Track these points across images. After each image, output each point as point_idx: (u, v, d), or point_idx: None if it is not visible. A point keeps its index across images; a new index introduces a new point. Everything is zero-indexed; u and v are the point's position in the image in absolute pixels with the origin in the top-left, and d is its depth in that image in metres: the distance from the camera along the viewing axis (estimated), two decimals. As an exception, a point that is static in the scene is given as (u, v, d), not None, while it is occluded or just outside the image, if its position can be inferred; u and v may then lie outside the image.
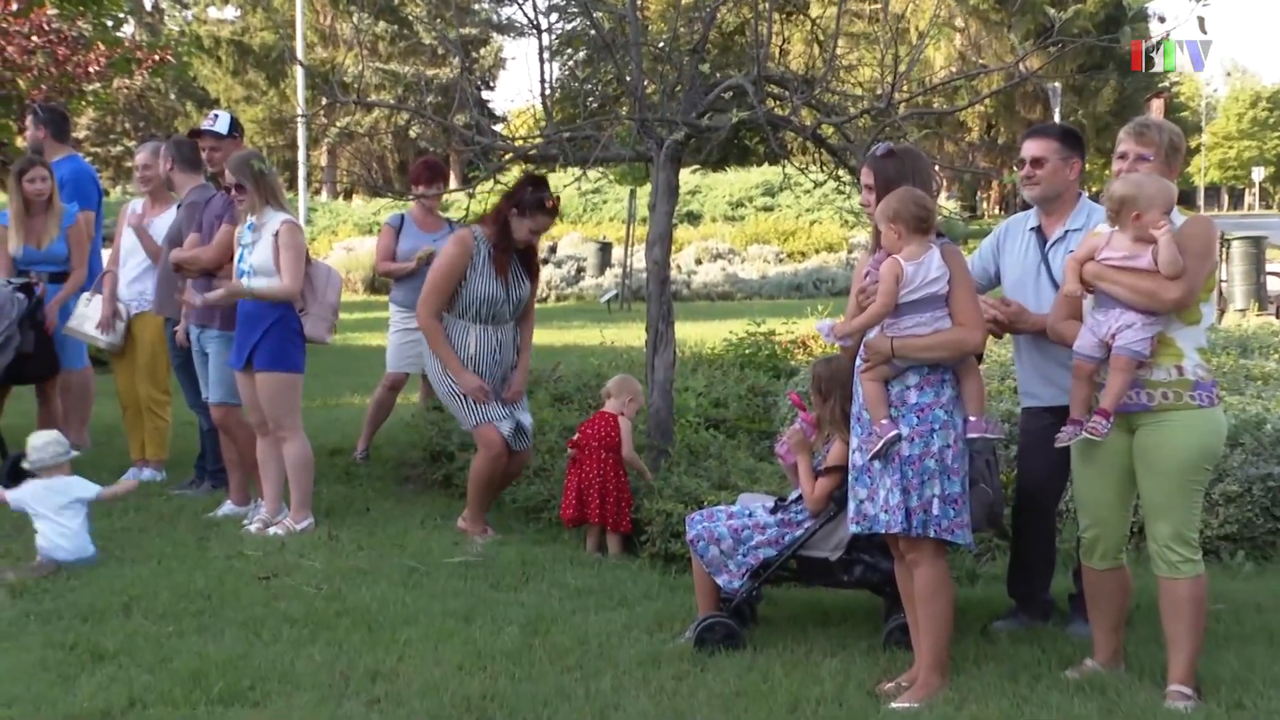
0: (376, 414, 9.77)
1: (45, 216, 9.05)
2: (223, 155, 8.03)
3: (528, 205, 7.35)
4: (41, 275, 9.07)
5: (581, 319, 21.81)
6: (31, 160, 9.07)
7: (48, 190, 9.00)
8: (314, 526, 7.52)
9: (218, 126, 8.17)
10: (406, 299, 9.65)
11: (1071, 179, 5.74)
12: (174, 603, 5.97)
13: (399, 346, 9.67)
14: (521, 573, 6.61)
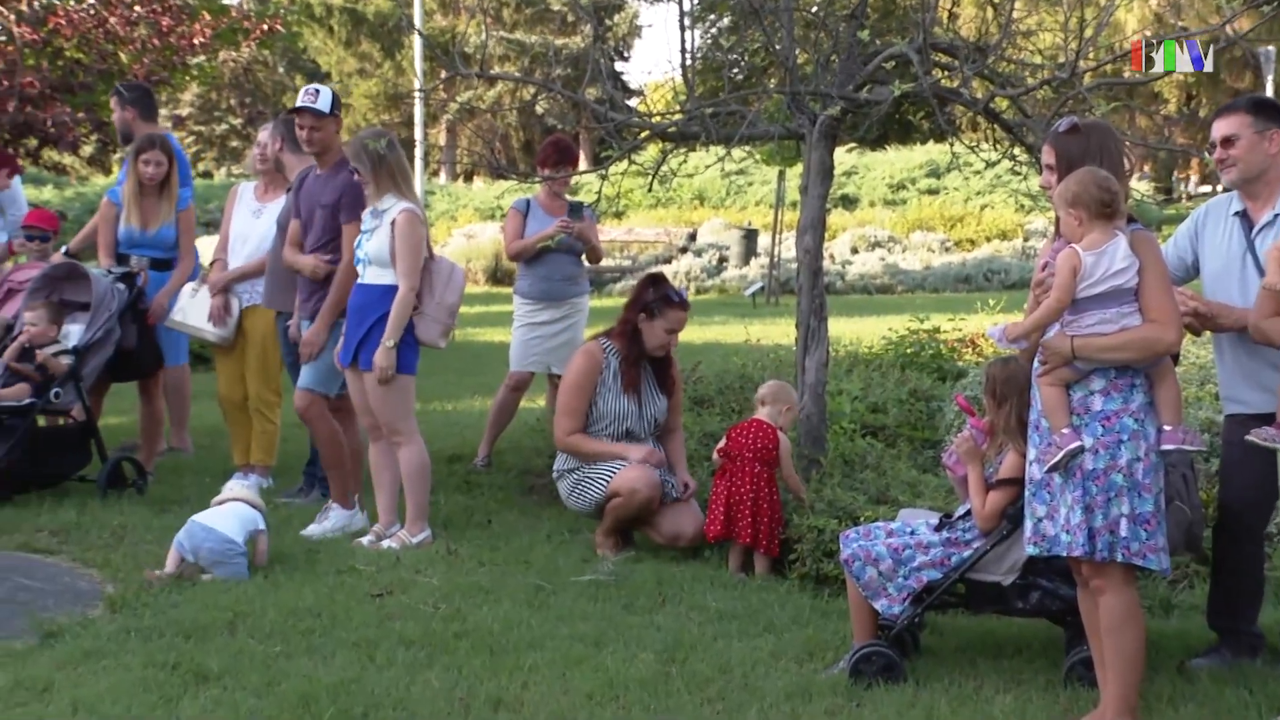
0: (499, 418, 9.87)
1: (158, 199, 9.31)
2: (323, 135, 8.05)
3: (655, 305, 7.47)
4: (143, 260, 9.33)
5: (724, 314, 21.79)
6: (151, 140, 9.33)
7: (162, 174, 9.25)
8: (431, 540, 7.63)
9: (318, 104, 8.08)
10: (532, 290, 9.75)
11: (1273, 154, 5.58)
12: (281, 621, 6.10)
13: (523, 344, 9.77)
14: (657, 593, 6.63)
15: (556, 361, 9.71)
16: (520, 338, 9.80)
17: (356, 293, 7.62)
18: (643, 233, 32.15)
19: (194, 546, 6.84)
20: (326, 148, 8.04)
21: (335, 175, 7.98)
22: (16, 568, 6.88)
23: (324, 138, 8.03)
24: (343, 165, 7.85)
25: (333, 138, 8.07)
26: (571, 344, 9.68)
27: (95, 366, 8.94)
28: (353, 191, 7.80)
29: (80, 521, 7.94)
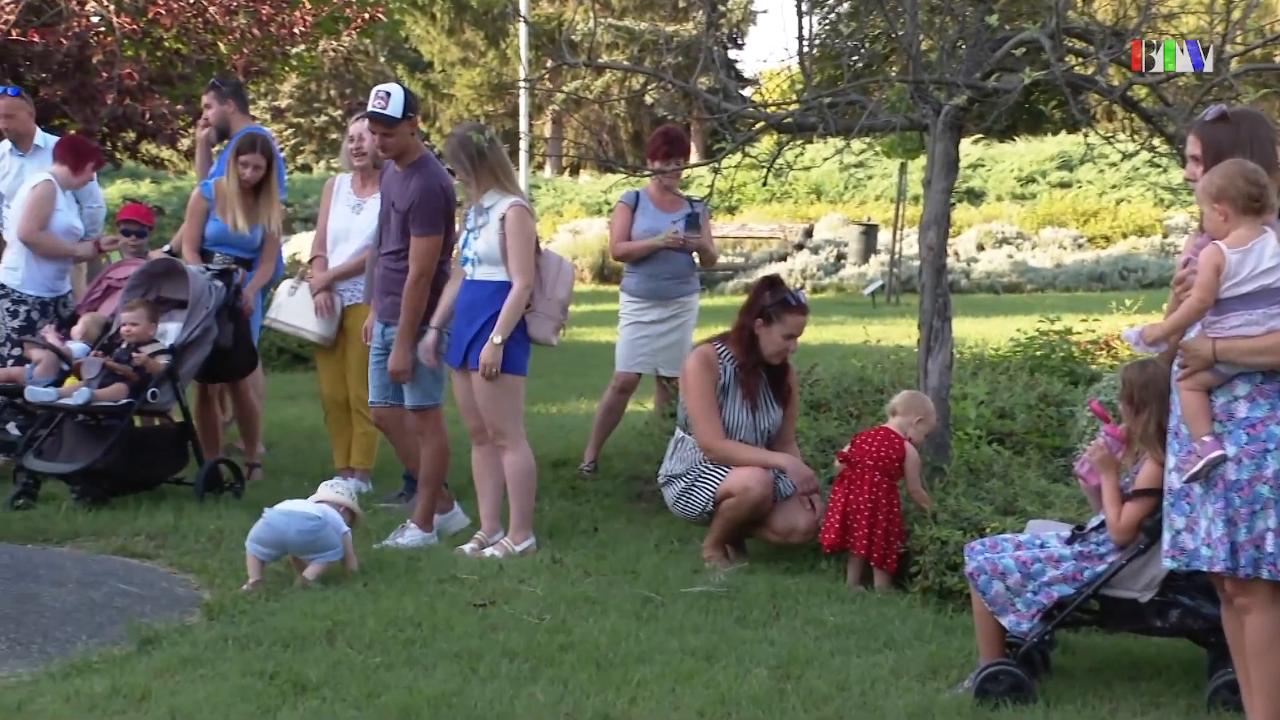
0: (605, 420, 9.90)
1: (255, 201, 9.44)
2: (396, 141, 7.83)
3: (773, 310, 7.46)
4: (227, 258, 9.48)
5: (841, 313, 21.71)
6: (253, 141, 9.45)
7: (260, 176, 9.38)
8: (536, 548, 7.67)
9: (390, 109, 7.78)
10: (640, 288, 9.76)
11: None
12: (381, 631, 6.17)
13: (630, 343, 9.79)
14: (771, 606, 6.62)
15: (665, 363, 9.72)
16: (627, 337, 9.82)
17: (466, 290, 7.68)
18: (757, 228, 32.10)
19: (276, 539, 6.91)
20: (404, 150, 7.89)
21: (410, 177, 7.87)
22: (114, 572, 7.02)
23: (398, 143, 7.85)
24: (419, 166, 7.85)
25: (408, 140, 7.89)
26: (680, 345, 9.70)
27: (192, 366, 9.07)
28: (425, 200, 7.78)
29: (177, 525, 8.08)
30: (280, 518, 6.89)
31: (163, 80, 15.93)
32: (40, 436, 8.89)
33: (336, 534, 6.99)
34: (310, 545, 6.93)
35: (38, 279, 9.94)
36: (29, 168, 10.53)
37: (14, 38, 14.35)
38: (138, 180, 39.15)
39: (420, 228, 7.79)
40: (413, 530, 7.88)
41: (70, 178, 10.02)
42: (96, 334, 9.34)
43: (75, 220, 10.05)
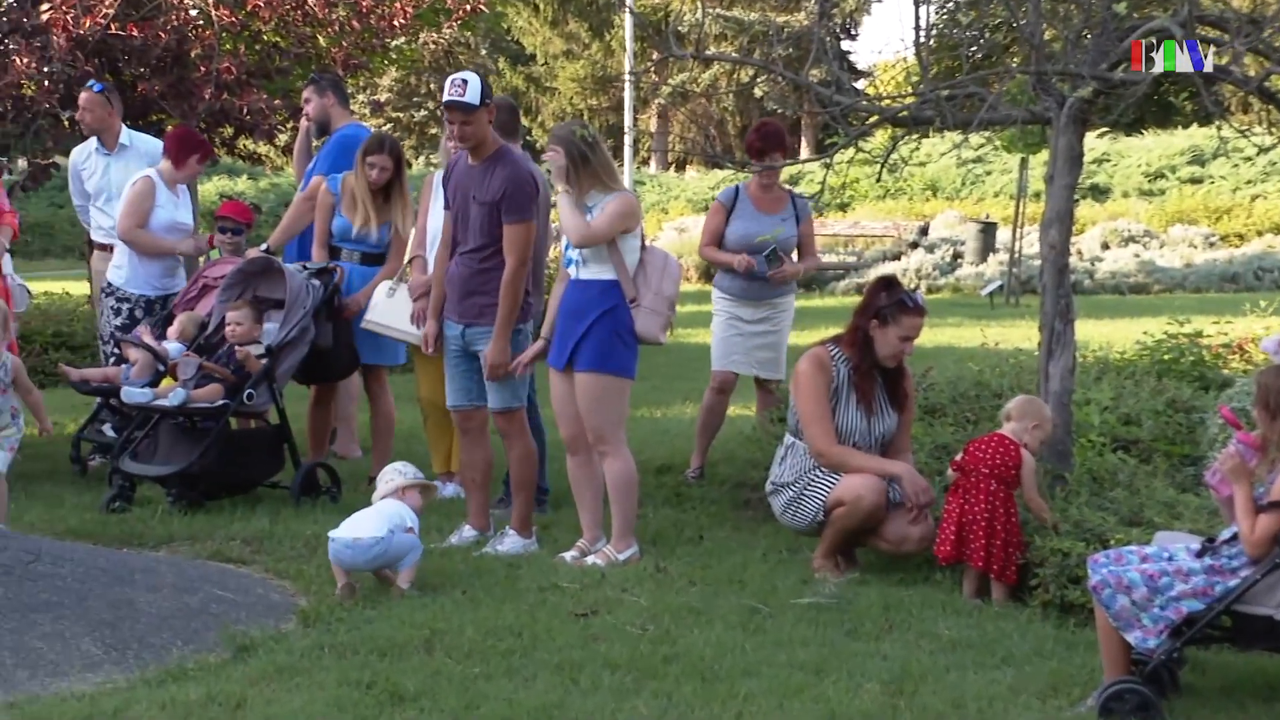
0: (707, 423, 9.90)
1: (383, 202, 9.52)
2: (475, 129, 7.81)
3: (888, 311, 7.43)
4: (353, 254, 9.58)
5: (958, 314, 21.56)
6: (381, 142, 9.56)
7: (386, 179, 9.46)
8: (639, 557, 7.69)
9: (467, 96, 7.77)
10: (733, 285, 9.72)
11: None
12: (480, 640, 6.20)
13: (725, 341, 9.76)
14: (884, 619, 6.59)
15: (761, 364, 9.73)
16: (721, 335, 9.81)
17: (571, 290, 7.72)
18: (870, 226, 31.97)
19: (350, 566, 6.98)
20: (481, 141, 7.86)
21: (492, 168, 7.85)
22: (209, 577, 7.12)
23: (476, 131, 7.81)
24: (499, 158, 7.84)
25: (485, 129, 7.86)
26: (776, 347, 9.73)
27: (289, 367, 9.18)
28: (516, 188, 7.76)
29: (273, 530, 8.18)
30: (346, 553, 6.93)
31: (261, 74, 16.09)
32: (136, 438, 9.04)
33: (408, 539, 7.03)
34: (385, 564, 7.00)
35: (141, 277, 10.13)
36: (114, 166, 10.72)
37: (113, 32, 14.58)
38: (234, 177, 39.79)
39: (514, 215, 7.76)
40: (512, 537, 7.92)
41: (172, 172, 10.19)
42: (193, 333, 9.48)
43: (180, 215, 10.21)
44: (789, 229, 9.76)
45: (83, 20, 14.20)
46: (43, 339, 14.10)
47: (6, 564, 6.41)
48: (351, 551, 6.90)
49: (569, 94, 52.06)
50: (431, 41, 24.31)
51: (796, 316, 10.21)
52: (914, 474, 7.39)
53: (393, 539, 6.92)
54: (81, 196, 11.04)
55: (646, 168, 50.74)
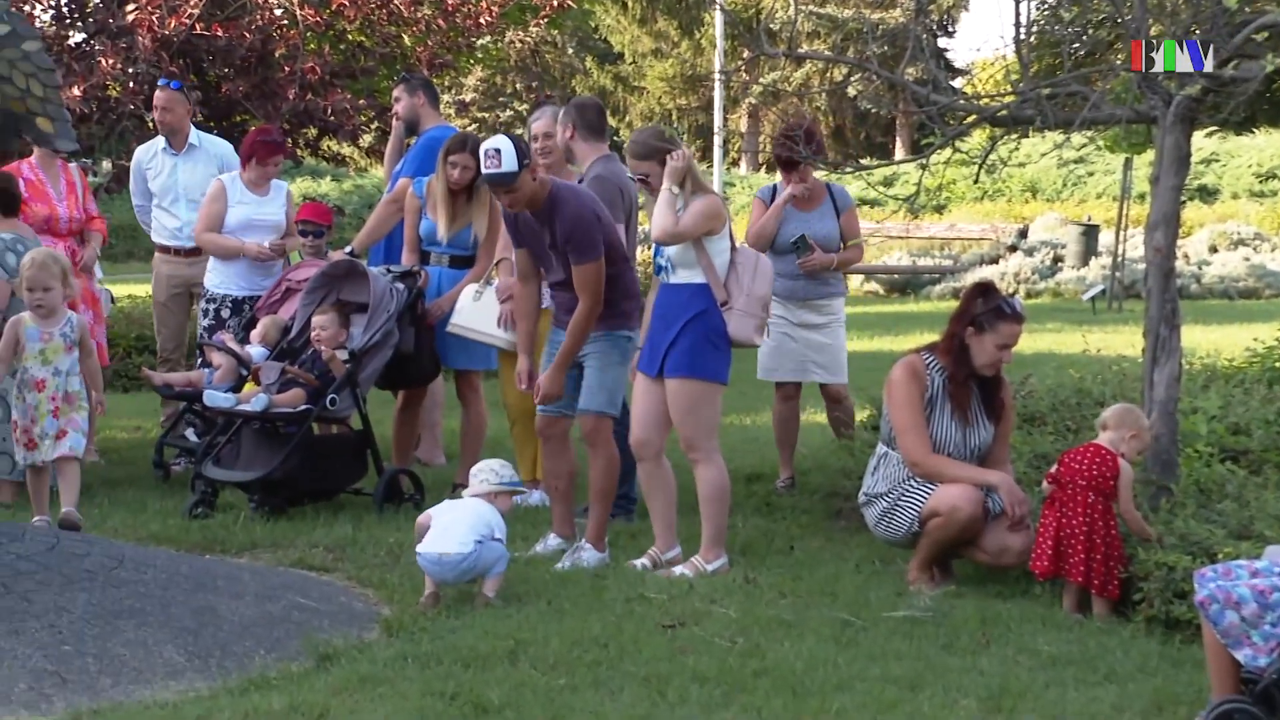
0: (784, 432, 9.87)
1: (466, 202, 9.53)
2: (522, 195, 7.70)
3: (985, 318, 7.38)
4: (442, 257, 9.62)
5: (1058, 320, 21.37)
6: (462, 141, 9.58)
7: (468, 180, 9.45)
8: (728, 567, 7.68)
9: (504, 167, 7.62)
10: (782, 288, 9.57)
11: None
12: (566, 651, 6.22)
13: (773, 349, 9.59)
14: (981, 633, 6.55)
15: (820, 368, 9.66)
16: (768, 343, 9.44)
17: (662, 295, 7.74)
18: (966, 229, 31.77)
19: (438, 579, 7.03)
20: (531, 198, 7.77)
21: (550, 215, 7.79)
22: (292, 585, 7.19)
23: (525, 195, 7.72)
24: (554, 202, 7.77)
25: (531, 187, 7.72)
26: (832, 350, 9.67)
27: (372, 371, 9.24)
28: (578, 228, 7.72)
29: (356, 538, 8.24)
30: (434, 568, 6.98)
31: (345, 74, 16.27)
32: (218, 443, 9.14)
33: (496, 548, 7.06)
34: (473, 575, 7.04)
35: (222, 277, 10.26)
36: (182, 167, 10.83)
37: (197, 32, 14.78)
38: (318, 178, 40.15)
39: (580, 255, 7.73)
40: (589, 551, 7.91)
41: (241, 172, 10.33)
42: (275, 338, 9.56)
43: (259, 214, 10.30)
44: (828, 223, 9.69)
45: (168, 20, 14.41)
46: (126, 343, 14.29)
47: (90, 569, 6.51)
48: (439, 567, 6.95)
49: (657, 93, 52.15)
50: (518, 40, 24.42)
51: (890, 322, 10.18)
52: (1011, 484, 7.34)
53: (480, 551, 6.95)
54: (143, 197, 11.11)
55: (736, 169, 50.73)
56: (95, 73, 14.08)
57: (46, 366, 7.65)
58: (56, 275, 7.62)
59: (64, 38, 15.36)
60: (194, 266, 10.66)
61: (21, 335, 7.66)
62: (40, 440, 7.80)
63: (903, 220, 29.83)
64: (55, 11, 15.58)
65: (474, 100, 49.15)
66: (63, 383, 7.69)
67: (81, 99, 13.71)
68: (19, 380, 7.74)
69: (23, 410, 7.86)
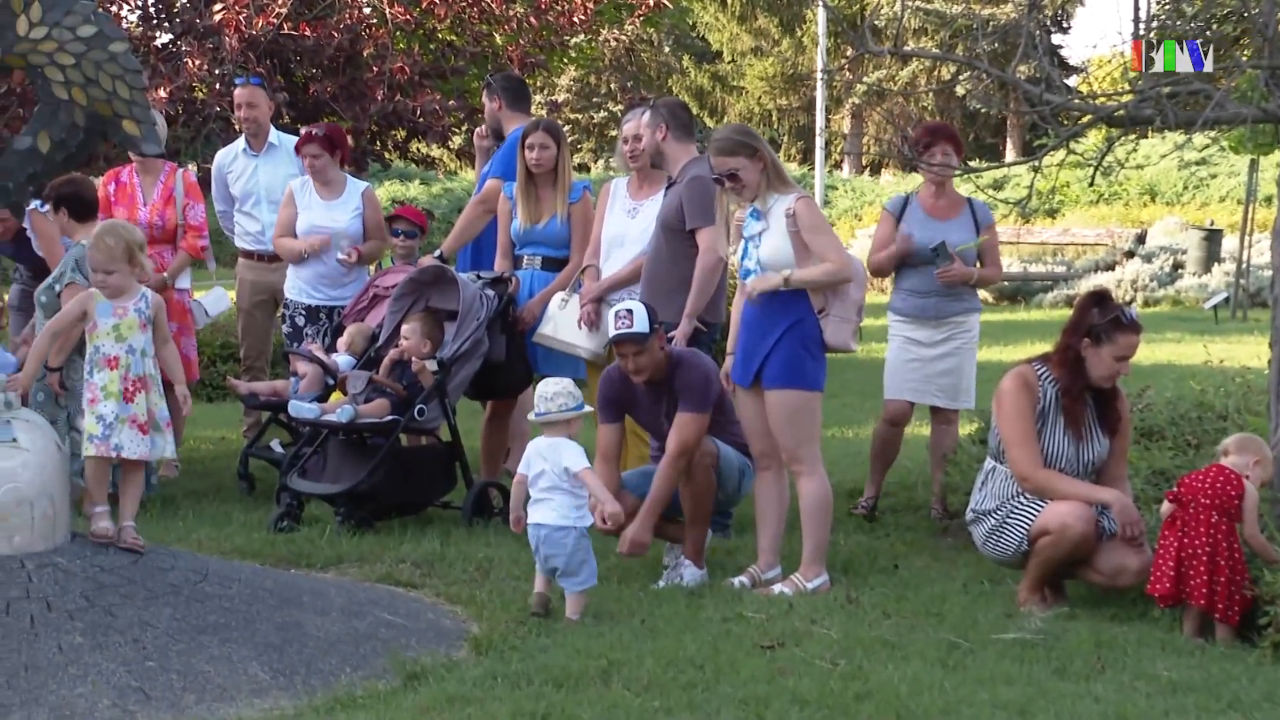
0: (881, 456, 9.73)
1: (551, 188, 9.57)
2: (649, 360, 7.79)
3: (1102, 330, 7.31)
4: (534, 259, 9.64)
5: (1178, 329, 21.17)
6: (536, 122, 9.65)
7: (550, 160, 9.49)
8: (829, 586, 7.67)
9: (635, 327, 7.70)
10: (905, 305, 9.46)
11: None
12: (660, 671, 6.22)
13: (900, 367, 9.53)
14: (1095, 657, 6.49)
15: (941, 392, 9.49)
16: (895, 360, 9.52)
17: (752, 304, 7.73)
18: (1081, 233, 31.51)
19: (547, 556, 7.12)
20: (654, 367, 7.82)
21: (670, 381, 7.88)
22: (379, 601, 7.23)
23: (651, 360, 7.79)
24: (674, 371, 7.84)
25: (658, 355, 7.80)
26: (958, 373, 9.48)
27: (462, 381, 9.27)
28: (699, 384, 7.78)
29: (444, 553, 8.29)
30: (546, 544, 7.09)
31: (435, 74, 16.35)
32: (304, 455, 9.21)
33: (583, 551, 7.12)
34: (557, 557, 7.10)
35: (296, 284, 10.32)
36: (263, 168, 10.94)
37: (285, 31, 14.93)
38: (406, 181, 40.42)
39: (690, 405, 7.78)
40: (689, 568, 7.91)
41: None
42: (362, 346, 9.62)
43: (320, 220, 10.25)
44: (965, 235, 9.49)
45: (255, 20, 14.55)
46: (211, 350, 14.43)
47: (175, 583, 6.59)
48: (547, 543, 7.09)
49: (757, 93, 52.11)
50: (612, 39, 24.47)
51: (1000, 331, 10.09)
52: (1126, 502, 7.25)
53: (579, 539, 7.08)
54: (224, 201, 11.23)
55: (839, 171, 50.58)
56: (181, 74, 14.25)
57: (121, 343, 6.92)
58: (118, 255, 6.99)
59: (150, 39, 15.56)
60: (276, 272, 10.72)
61: (92, 310, 7.00)
62: (92, 424, 6.87)
63: (1013, 225, 29.65)
64: (142, 12, 15.80)
65: (567, 101, 49.36)
66: (138, 363, 6.95)
67: (168, 101, 13.88)
68: (89, 360, 6.99)
69: (82, 394, 7.02)
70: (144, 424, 6.87)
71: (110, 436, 6.77)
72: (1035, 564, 7.33)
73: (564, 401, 7.26)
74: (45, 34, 6.64)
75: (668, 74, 54.18)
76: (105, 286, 6.94)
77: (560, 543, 7.06)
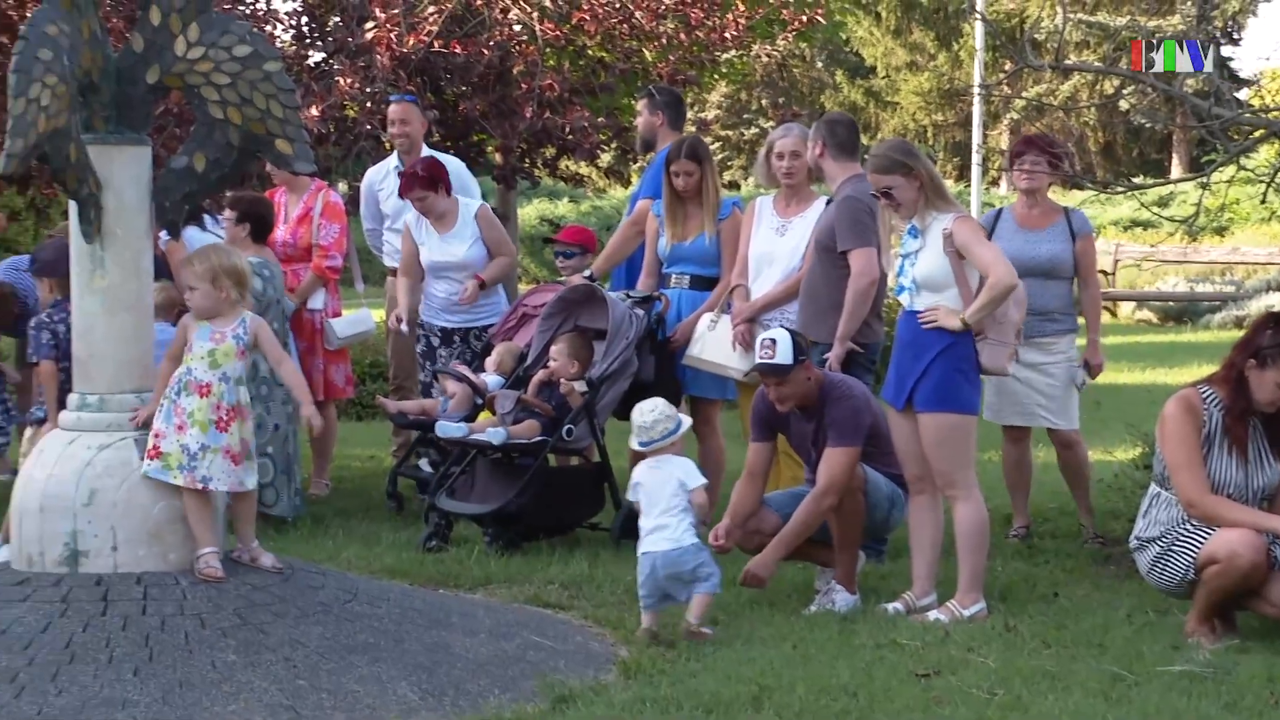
0: (1015, 478, 9.64)
1: (698, 206, 9.57)
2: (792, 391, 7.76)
3: (1270, 352, 7.18)
4: (682, 278, 9.66)
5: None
6: (679, 146, 9.66)
7: (696, 183, 9.51)
8: (986, 613, 7.60)
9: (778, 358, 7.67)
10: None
11: None
12: (812, 698, 6.21)
13: (995, 389, 9.38)
14: (1269, 692, 6.35)
15: (1044, 412, 9.37)
16: (993, 383, 9.29)
17: (907, 321, 7.70)
18: (1251, 252, 30.96)
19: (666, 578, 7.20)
20: (801, 397, 7.82)
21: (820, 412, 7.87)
22: (527, 623, 7.30)
23: (795, 391, 7.77)
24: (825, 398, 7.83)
25: (804, 387, 7.79)
26: (1055, 392, 9.33)
27: (611, 401, 9.29)
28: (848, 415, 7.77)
29: (592, 575, 8.34)
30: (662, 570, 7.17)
31: (584, 91, 16.44)
32: (453, 474, 9.30)
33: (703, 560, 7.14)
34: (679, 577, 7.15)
35: (426, 306, 10.43)
36: None
37: (436, 49, 15.11)
38: (555, 199, 40.68)
39: (839, 438, 7.77)
40: (841, 593, 7.88)
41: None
42: (511, 365, 9.70)
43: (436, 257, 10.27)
44: (1054, 246, 9.35)
45: (406, 38, 14.74)
46: (360, 369, 14.59)
47: (325, 602, 6.70)
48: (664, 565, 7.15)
49: (911, 109, 51.84)
50: (764, 54, 24.47)
51: (1165, 353, 9.93)
52: None
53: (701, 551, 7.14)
54: (374, 220, 11.33)
55: (996, 188, 50.10)
56: (333, 93, 14.46)
57: (214, 370, 6.81)
58: (201, 275, 6.86)
59: (303, 58, 15.79)
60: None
61: (191, 334, 6.88)
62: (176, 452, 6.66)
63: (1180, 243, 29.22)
64: (296, 31, 16.07)
65: (717, 117, 49.47)
66: (231, 391, 6.83)
67: (319, 119, 14.09)
68: (177, 379, 6.80)
69: (168, 413, 6.72)
70: (237, 454, 6.81)
71: (197, 468, 6.67)
72: (1203, 594, 7.21)
73: (665, 427, 7.34)
74: (202, 54, 6.80)
75: (820, 89, 54.08)
76: (190, 303, 6.91)
77: (678, 562, 7.13)
